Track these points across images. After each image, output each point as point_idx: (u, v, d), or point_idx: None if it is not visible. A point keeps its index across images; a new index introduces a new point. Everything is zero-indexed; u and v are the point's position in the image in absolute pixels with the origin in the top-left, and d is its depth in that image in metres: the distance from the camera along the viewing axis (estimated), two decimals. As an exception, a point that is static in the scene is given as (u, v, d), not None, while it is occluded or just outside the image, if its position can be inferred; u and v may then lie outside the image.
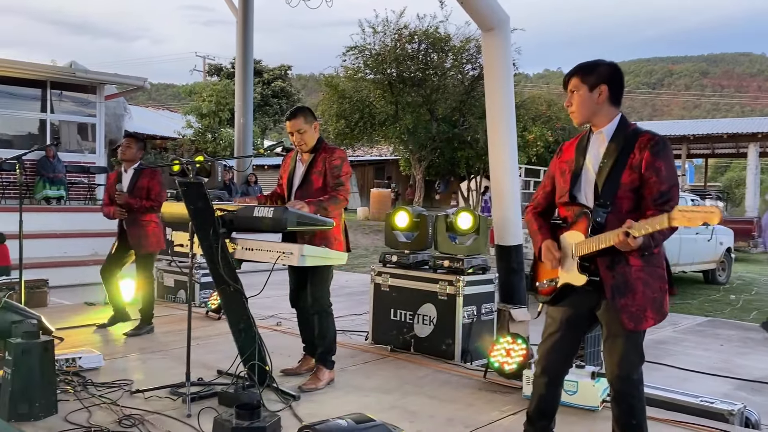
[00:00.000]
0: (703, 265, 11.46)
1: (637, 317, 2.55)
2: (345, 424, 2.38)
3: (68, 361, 4.06)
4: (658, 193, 2.50)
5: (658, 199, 2.50)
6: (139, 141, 5.52)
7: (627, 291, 2.55)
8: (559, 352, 2.78)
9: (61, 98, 12.78)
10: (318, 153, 4.04)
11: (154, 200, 5.30)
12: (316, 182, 3.98)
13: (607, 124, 2.68)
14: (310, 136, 4.02)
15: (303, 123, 3.99)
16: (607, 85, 2.64)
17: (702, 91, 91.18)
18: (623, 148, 2.60)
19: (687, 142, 24.05)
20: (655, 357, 5.92)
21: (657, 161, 2.52)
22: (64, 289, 8.07)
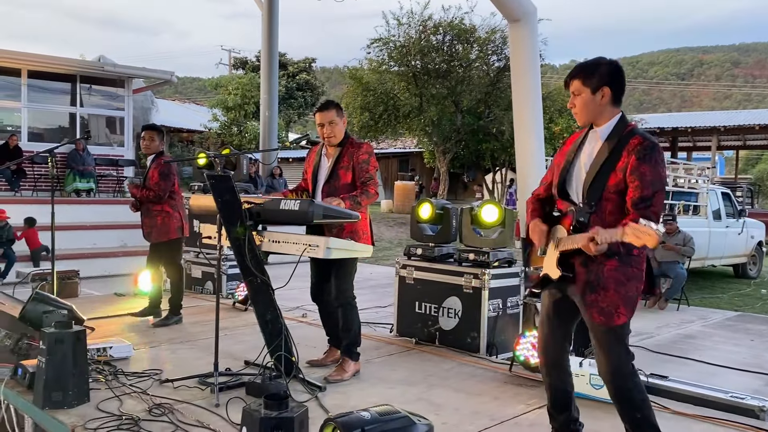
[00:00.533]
0: (733, 258, 11.27)
1: (608, 313, 2.60)
2: (368, 416, 2.39)
3: (99, 351, 4.15)
4: (639, 197, 2.51)
5: (639, 204, 2.51)
6: (160, 132, 5.57)
7: (598, 288, 2.61)
8: (550, 337, 2.86)
9: (90, 92, 12.98)
10: (344, 148, 4.04)
11: (148, 188, 5.31)
12: (343, 177, 3.99)
13: (605, 124, 2.69)
14: (340, 129, 4.03)
15: (335, 115, 4.00)
16: (609, 87, 2.64)
17: (733, 82, 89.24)
18: (614, 149, 2.61)
19: (717, 133, 23.58)
20: (683, 352, 5.85)
21: (642, 166, 2.52)
22: (94, 280, 8.23)
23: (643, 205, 2.49)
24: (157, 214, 5.40)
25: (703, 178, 11.33)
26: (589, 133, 2.76)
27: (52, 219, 5.34)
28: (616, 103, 2.67)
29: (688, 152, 29.18)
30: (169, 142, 27.39)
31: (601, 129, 2.69)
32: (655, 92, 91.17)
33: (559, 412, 2.92)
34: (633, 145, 2.56)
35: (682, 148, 28.02)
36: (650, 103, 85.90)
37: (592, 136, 2.73)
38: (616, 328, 2.63)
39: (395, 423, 2.45)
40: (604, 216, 2.58)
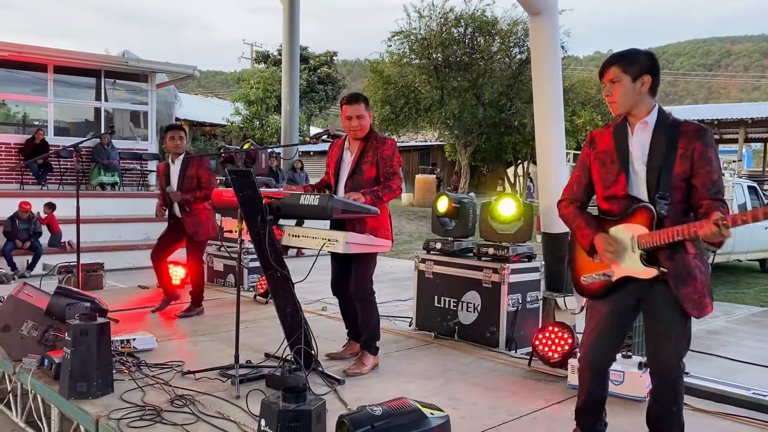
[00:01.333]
0: (759, 253, 11.10)
1: (699, 304, 2.57)
2: (379, 411, 2.40)
3: (123, 342, 4.22)
4: (711, 182, 2.50)
5: (711, 189, 2.50)
6: (185, 132, 5.66)
7: (689, 279, 2.56)
8: (605, 345, 2.76)
9: (114, 87, 13.16)
10: (369, 142, 4.02)
11: (205, 188, 5.42)
12: (368, 172, 3.98)
13: (647, 114, 2.64)
14: (367, 123, 4.01)
15: (363, 110, 3.98)
16: (651, 75, 2.60)
17: (762, 72, 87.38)
18: (671, 138, 2.56)
19: (745, 125, 23.16)
20: (707, 347, 5.78)
21: (708, 151, 2.52)
22: (118, 272, 8.36)
23: (714, 190, 2.50)
24: (200, 212, 5.51)
25: (729, 171, 11.15)
26: (629, 127, 2.67)
27: (77, 212, 5.44)
28: (653, 93, 2.64)
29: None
30: (192, 136, 27.64)
31: (649, 118, 2.62)
32: (682, 84, 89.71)
33: (590, 414, 2.87)
34: (692, 130, 2.55)
35: (709, 140, 27.52)
36: (676, 94, 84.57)
37: (640, 128, 2.64)
38: (689, 321, 2.61)
39: (405, 417, 2.44)
40: (675, 206, 2.54)
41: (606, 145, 2.73)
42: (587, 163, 2.80)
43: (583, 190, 2.83)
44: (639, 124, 2.65)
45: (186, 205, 5.44)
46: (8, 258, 8.59)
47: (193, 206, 5.45)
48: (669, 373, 2.65)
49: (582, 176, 2.83)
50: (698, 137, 2.54)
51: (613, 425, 3.17)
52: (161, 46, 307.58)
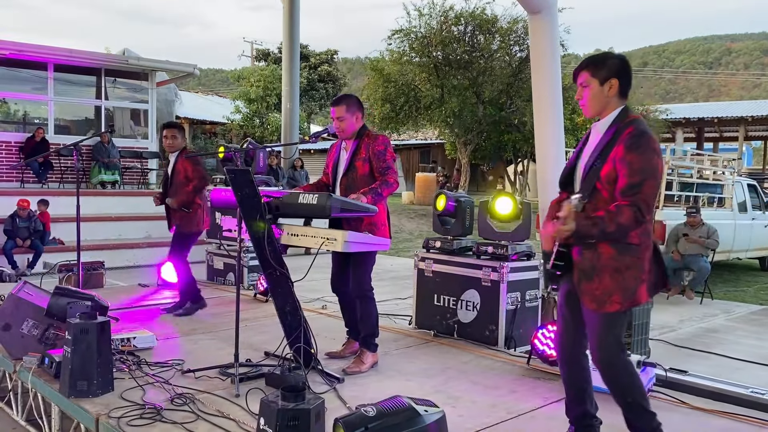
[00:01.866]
0: (759, 251, 11.09)
1: (601, 300, 2.62)
2: (372, 412, 2.40)
3: (123, 341, 4.23)
4: (627, 185, 2.53)
5: (628, 191, 2.53)
6: (182, 129, 5.63)
7: (594, 276, 2.63)
8: (565, 333, 2.88)
9: (114, 85, 13.16)
10: (361, 139, 4.06)
11: (193, 178, 5.38)
12: (361, 169, 4.01)
13: (608, 117, 2.71)
14: (348, 124, 4.04)
15: (344, 112, 4.02)
16: (618, 78, 2.67)
17: (763, 70, 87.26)
18: (609, 141, 2.63)
19: (745, 123, 23.16)
20: (706, 346, 5.79)
21: (629, 154, 2.53)
22: (119, 270, 8.38)
23: (630, 192, 2.51)
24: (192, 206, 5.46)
25: (728, 169, 11.15)
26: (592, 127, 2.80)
27: (77, 211, 5.44)
28: (623, 96, 2.70)
29: (715, 143, 28.69)
30: (192, 134, 27.63)
31: (601, 122, 2.72)
32: (682, 81, 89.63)
33: (575, 406, 2.94)
34: (624, 134, 2.59)
35: (709, 138, 27.57)
36: (676, 92, 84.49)
37: (594, 130, 2.76)
38: (612, 317, 2.63)
39: (399, 416, 2.42)
40: (598, 206, 2.60)
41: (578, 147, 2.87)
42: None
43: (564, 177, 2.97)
44: (594, 125, 2.76)
45: (185, 207, 5.43)
46: (9, 256, 8.61)
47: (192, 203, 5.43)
48: (603, 369, 2.71)
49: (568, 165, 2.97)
50: (624, 140, 2.57)
51: (612, 424, 3.18)
52: (162, 44, 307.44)
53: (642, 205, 2.51)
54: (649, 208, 2.55)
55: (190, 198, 5.41)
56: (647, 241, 2.65)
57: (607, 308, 2.62)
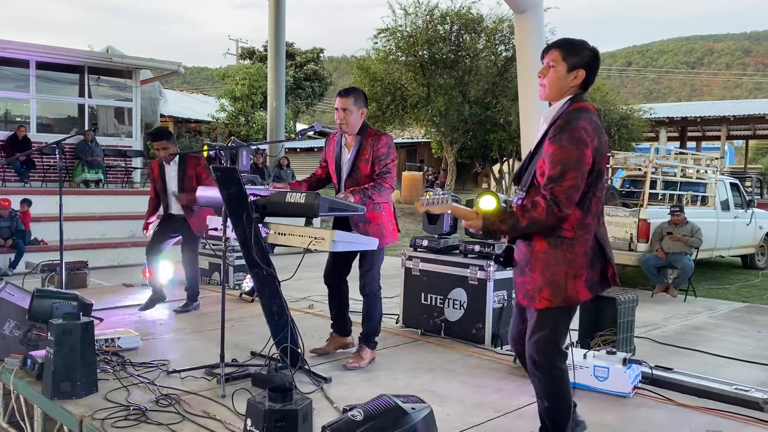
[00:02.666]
0: (741, 249, 11.21)
1: (531, 296, 2.58)
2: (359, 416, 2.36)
3: (107, 341, 4.19)
4: (547, 177, 2.46)
5: (546, 183, 2.46)
6: (169, 137, 5.59)
7: (526, 269, 2.60)
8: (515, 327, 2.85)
9: (98, 83, 13.03)
10: (364, 138, 4.04)
11: (207, 183, 5.35)
12: (363, 169, 4.01)
13: (558, 106, 2.58)
14: (353, 118, 4.01)
15: (351, 104, 3.99)
16: (585, 70, 2.56)
17: (744, 70, 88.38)
18: (546, 132, 2.54)
19: (727, 123, 23.39)
20: (690, 343, 5.85)
21: (551, 146, 2.46)
22: (102, 270, 8.29)
23: (548, 184, 2.44)
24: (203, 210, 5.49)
25: (711, 168, 11.26)
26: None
27: (60, 210, 5.38)
28: (583, 88, 2.59)
29: (698, 142, 28.98)
30: (177, 133, 27.42)
31: (546, 112, 2.62)
32: (665, 81, 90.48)
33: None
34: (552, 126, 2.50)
35: (692, 137, 27.83)
36: (660, 92, 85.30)
37: (542, 119, 2.65)
38: (539, 312, 2.56)
39: (386, 417, 2.37)
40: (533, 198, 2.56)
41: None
42: None
43: None
44: (542, 115, 2.66)
45: (193, 206, 5.45)
46: (-10, 256, 8.49)
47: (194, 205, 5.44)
48: (530, 363, 2.64)
49: None
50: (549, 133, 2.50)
51: (598, 422, 3.20)
52: (146, 41, 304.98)
53: (560, 197, 2.41)
54: (570, 200, 2.44)
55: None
56: (584, 235, 2.53)
57: (537, 304, 2.55)
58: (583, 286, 2.54)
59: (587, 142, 2.44)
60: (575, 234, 2.52)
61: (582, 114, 2.49)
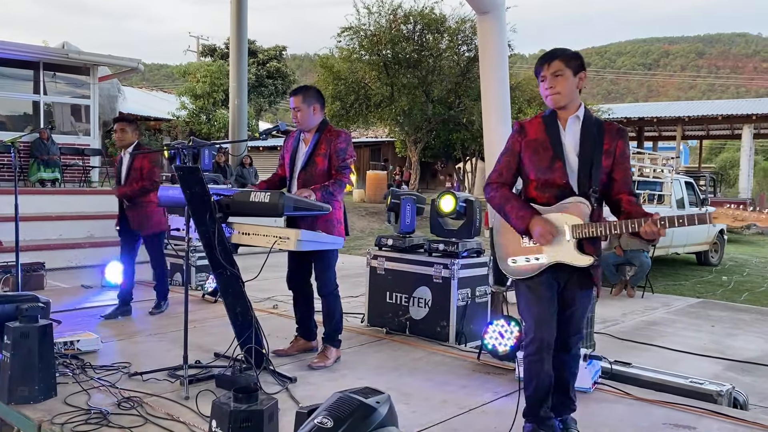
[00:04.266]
0: (696, 246, 11.54)
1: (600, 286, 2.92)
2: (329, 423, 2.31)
3: (66, 344, 4.09)
4: (630, 178, 2.79)
5: (630, 184, 2.79)
6: (131, 123, 5.50)
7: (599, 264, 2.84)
8: (551, 320, 2.84)
9: (54, 80, 12.69)
10: (322, 134, 4.05)
11: (146, 179, 5.27)
12: (320, 164, 4.00)
13: (577, 109, 2.80)
14: (305, 116, 4.02)
15: (300, 102, 4.00)
16: (585, 72, 2.80)
17: (698, 72, 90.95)
18: (597, 134, 2.75)
19: (682, 123, 24.06)
20: (647, 338, 5.99)
21: (627, 149, 2.80)
22: (60, 271, 8.09)
23: (631, 185, 2.79)
24: (146, 205, 5.34)
25: (668, 167, 11.56)
26: (559, 120, 2.80)
27: (15, 210, 5.24)
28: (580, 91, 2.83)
29: (654, 142, 29.71)
30: (137, 131, 26.83)
31: (579, 113, 2.80)
32: (623, 82, 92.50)
33: (543, 401, 2.88)
34: (614, 129, 2.78)
35: (648, 137, 28.52)
36: (618, 92, 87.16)
37: (573, 122, 2.79)
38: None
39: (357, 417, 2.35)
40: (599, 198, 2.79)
41: (537, 134, 2.82)
42: (517, 149, 2.88)
43: (512, 175, 2.92)
44: (571, 118, 2.79)
45: (126, 199, 5.32)
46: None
47: (136, 199, 5.31)
48: (579, 341, 2.99)
49: (512, 161, 2.90)
50: (621, 136, 2.78)
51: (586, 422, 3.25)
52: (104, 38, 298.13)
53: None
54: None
55: (135, 194, 5.29)
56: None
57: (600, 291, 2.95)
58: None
59: None
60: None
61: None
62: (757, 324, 6.97)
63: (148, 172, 5.28)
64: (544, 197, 2.80)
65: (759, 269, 11.83)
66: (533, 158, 2.80)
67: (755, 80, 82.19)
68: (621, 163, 2.75)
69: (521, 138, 2.87)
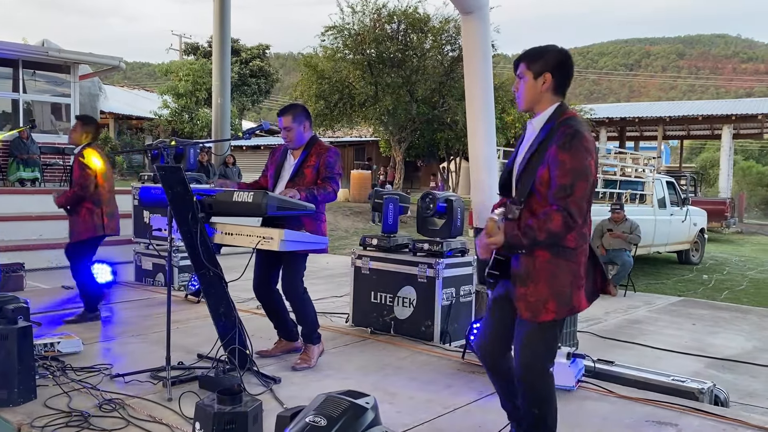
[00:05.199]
0: (677, 245, 11.67)
1: (536, 308, 2.49)
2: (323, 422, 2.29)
3: (47, 346, 4.04)
4: (559, 186, 2.41)
5: (558, 193, 2.41)
6: (85, 124, 5.20)
7: (528, 281, 2.51)
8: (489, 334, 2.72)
9: (34, 78, 12.52)
10: (312, 147, 4.06)
11: (77, 183, 5.01)
12: (309, 175, 4.00)
13: (542, 113, 2.58)
14: (296, 134, 4.02)
15: (291, 122, 4.01)
16: (551, 73, 2.54)
17: (678, 73, 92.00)
18: (543, 140, 2.50)
19: (663, 123, 24.32)
20: (630, 336, 6.05)
21: (561, 154, 2.42)
22: (40, 272, 7.98)
23: (561, 194, 2.39)
24: (78, 210, 5.10)
25: (649, 167, 11.68)
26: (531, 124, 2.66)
27: (-6, 210, 5.16)
28: (559, 92, 2.58)
29: (636, 142, 29.99)
30: (118, 130, 26.65)
31: (536, 119, 2.59)
32: (605, 82, 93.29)
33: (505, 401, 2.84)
34: (558, 133, 2.45)
35: (630, 137, 28.78)
36: (600, 93, 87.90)
37: (529, 128, 2.64)
38: (546, 325, 2.50)
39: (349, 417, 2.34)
40: (534, 209, 2.48)
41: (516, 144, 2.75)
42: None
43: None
44: (529, 123, 2.65)
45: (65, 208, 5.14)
46: None
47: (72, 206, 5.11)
48: (522, 372, 2.56)
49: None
50: (556, 140, 2.45)
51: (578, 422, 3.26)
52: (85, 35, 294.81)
53: (572, 208, 2.38)
54: (581, 211, 2.42)
55: (68, 202, 5.10)
56: (584, 245, 2.54)
57: (543, 317, 2.48)
58: (583, 296, 2.56)
59: (592, 152, 2.46)
60: (577, 244, 2.50)
61: (581, 123, 2.50)
62: (737, 322, 7.07)
63: (77, 177, 5.02)
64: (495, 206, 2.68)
65: (739, 268, 11.99)
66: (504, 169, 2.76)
67: (734, 81, 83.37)
68: (552, 170, 2.44)
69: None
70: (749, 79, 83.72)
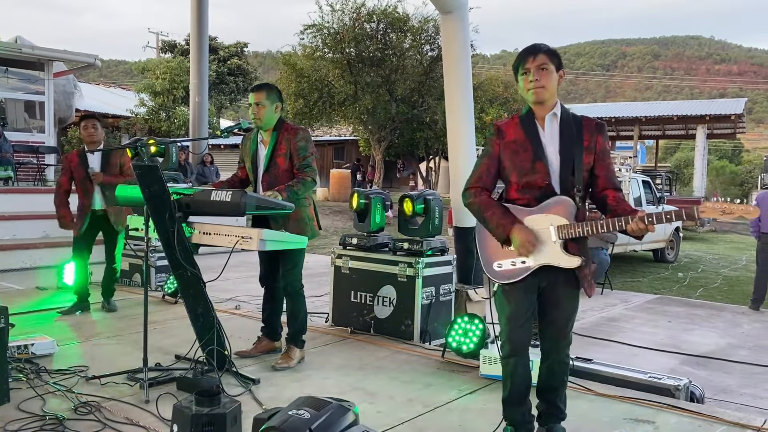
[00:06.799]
0: (652, 244, 11.82)
1: (591, 285, 2.82)
2: (306, 414, 2.31)
3: (20, 348, 3.97)
4: (613, 173, 2.76)
5: (614, 179, 2.74)
6: (101, 120, 5.52)
7: (589, 263, 2.78)
8: (526, 329, 2.79)
9: (6, 75, 12.29)
10: (280, 133, 4.02)
11: (129, 174, 5.27)
12: (282, 165, 3.98)
13: (554, 107, 2.76)
14: (267, 113, 3.99)
15: (264, 98, 3.98)
16: (563, 71, 2.78)
17: (654, 74, 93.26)
18: (576, 130, 2.71)
19: (639, 123, 24.61)
20: (607, 334, 6.11)
21: (607, 144, 2.76)
22: (13, 273, 7.85)
23: (616, 180, 2.76)
24: None
25: (625, 166, 11.80)
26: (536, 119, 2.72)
27: (-35, 210, 5.06)
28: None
29: (612, 141, 30.34)
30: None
31: (556, 111, 2.74)
32: (582, 83, 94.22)
33: (520, 404, 2.86)
34: (593, 125, 2.74)
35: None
36: (577, 93, 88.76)
37: (550, 120, 2.72)
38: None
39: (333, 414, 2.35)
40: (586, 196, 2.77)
41: (515, 134, 2.74)
42: (496, 152, 2.78)
43: (492, 179, 2.82)
44: (548, 116, 2.72)
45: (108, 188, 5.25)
46: None
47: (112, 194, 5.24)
48: (566, 346, 2.88)
49: (491, 165, 2.79)
50: (599, 131, 2.74)
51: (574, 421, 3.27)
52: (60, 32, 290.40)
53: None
54: None
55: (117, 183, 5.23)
56: None
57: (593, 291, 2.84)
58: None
59: None
60: None
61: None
62: (712, 319, 7.18)
63: (129, 169, 5.29)
64: (525, 199, 2.72)
65: (713, 265, 12.18)
66: (513, 160, 2.72)
67: (708, 82, 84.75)
68: (602, 159, 2.71)
69: (499, 140, 2.77)
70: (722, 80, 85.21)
